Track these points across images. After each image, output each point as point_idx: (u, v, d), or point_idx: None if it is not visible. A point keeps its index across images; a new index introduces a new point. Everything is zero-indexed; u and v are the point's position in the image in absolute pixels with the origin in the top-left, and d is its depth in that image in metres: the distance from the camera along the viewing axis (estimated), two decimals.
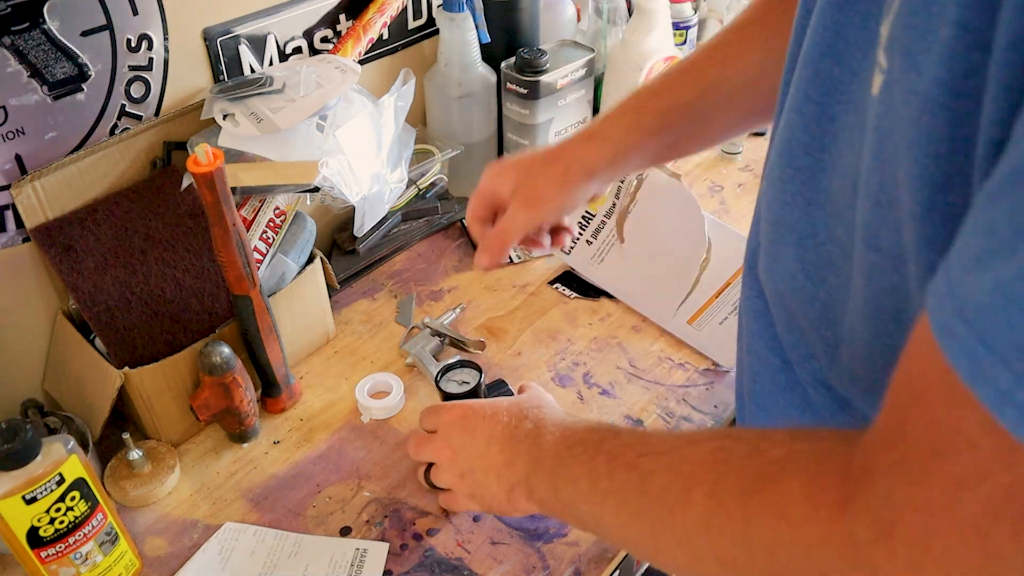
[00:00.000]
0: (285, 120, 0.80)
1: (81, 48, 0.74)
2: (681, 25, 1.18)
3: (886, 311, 0.43)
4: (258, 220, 0.84)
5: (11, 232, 0.76)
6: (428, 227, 1.09)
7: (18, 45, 0.70)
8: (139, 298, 0.77)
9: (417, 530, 0.73)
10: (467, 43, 1.03)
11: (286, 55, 0.93)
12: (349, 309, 0.98)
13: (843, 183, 0.46)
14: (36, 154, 0.75)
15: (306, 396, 0.87)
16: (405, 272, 1.03)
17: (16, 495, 0.59)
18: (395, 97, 0.91)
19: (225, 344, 0.77)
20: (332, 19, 0.95)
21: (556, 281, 1.00)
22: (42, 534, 0.61)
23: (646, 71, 1.08)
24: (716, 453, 0.45)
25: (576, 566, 0.70)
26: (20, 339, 0.80)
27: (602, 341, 0.92)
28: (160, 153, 0.83)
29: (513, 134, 1.11)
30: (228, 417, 0.79)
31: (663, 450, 0.48)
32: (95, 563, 0.66)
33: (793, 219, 0.51)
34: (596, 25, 1.15)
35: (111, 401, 0.75)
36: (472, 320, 0.96)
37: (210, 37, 0.85)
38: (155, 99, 0.83)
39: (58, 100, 0.75)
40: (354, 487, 0.77)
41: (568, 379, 0.87)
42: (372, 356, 0.91)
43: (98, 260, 0.77)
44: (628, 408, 0.84)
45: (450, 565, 0.70)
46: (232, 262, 0.74)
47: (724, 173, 1.21)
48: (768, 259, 0.56)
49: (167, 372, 0.77)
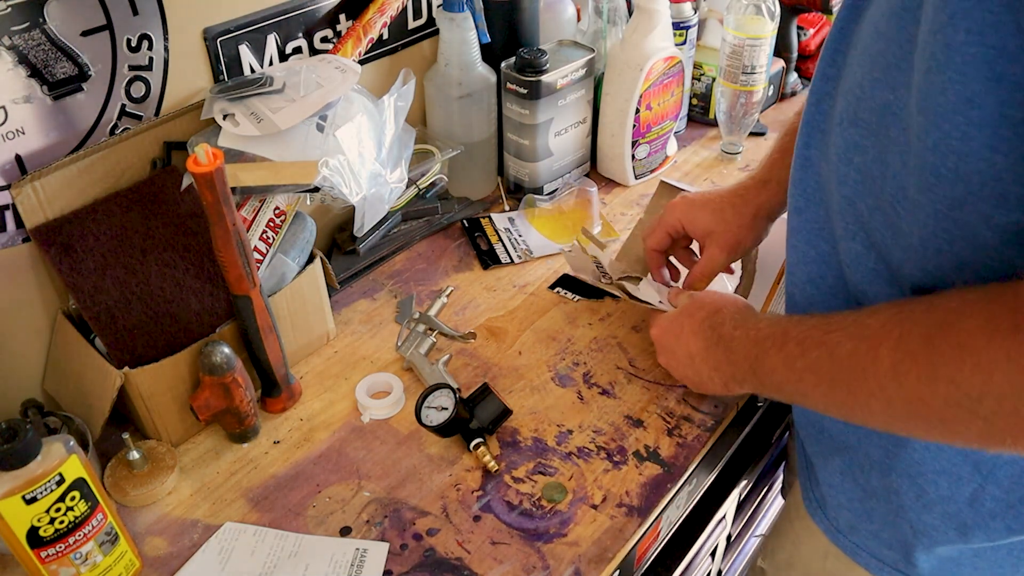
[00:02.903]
0: (285, 120, 0.80)
1: (81, 48, 0.74)
2: (681, 25, 1.18)
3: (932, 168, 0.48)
4: (258, 220, 0.84)
5: (11, 232, 0.76)
6: (428, 227, 1.09)
7: (18, 45, 0.70)
8: (139, 298, 0.77)
9: (417, 530, 0.73)
10: (467, 43, 1.03)
11: (286, 55, 0.93)
12: (349, 309, 0.98)
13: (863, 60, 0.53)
14: (36, 154, 0.75)
15: (306, 396, 0.87)
16: (405, 272, 1.03)
17: (16, 495, 0.59)
18: (395, 97, 0.91)
19: (225, 344, 0.77)
20: (332, 19, 0.96)
21: (557, 285, 1.00)
22: (42, 534, 0.61)
23: (646, 71, 1.09)
24: (895, 316, 0.51)
25: (576, 566, 0.70)
26: (20, 339, 0.80)
27: (602, 341, 0.92)
28: (160, 153, 0.83)
29: (513, 134, 1.11)
30: (228, 417, 0.79)
31: (846, 324, 0.55)
32: (95, 563, 0.66)
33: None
34: (596, 25, 1.15)
35: (111, 401, 0.75)
36: (472, 320, 0.96)
37: (210, 37, 0.85)
38: (155, 99, 0.83)
39: (58, 100, 0.75)
40: (354, 487, 0.77)
41: (568, 379, 0.87)
42: (372, 356, 0.91)
43: (98, 260, 0.77)
44: (628, 408, 0.84)
45: (450, 565, 0.70)
46: (232, 262, 0.74)
47: (724, 173, 1.21)
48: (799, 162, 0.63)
49: (167, 372, 0.77)
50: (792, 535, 0.81)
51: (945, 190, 0.48)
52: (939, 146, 0.46)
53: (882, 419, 0.53)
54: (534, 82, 1.03)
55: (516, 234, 1.08)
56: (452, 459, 0.79)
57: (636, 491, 0.76)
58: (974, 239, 0.48)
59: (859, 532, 0.69)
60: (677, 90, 1.16)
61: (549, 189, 1.15)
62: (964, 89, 0.44)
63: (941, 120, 0.46)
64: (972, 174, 0.46)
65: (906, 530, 0.64)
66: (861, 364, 0.52)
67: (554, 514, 0.74)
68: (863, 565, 0.69)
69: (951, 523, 0.61)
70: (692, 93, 1.30)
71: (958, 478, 0.59)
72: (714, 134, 1.29)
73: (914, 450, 0.60)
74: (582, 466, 0.78)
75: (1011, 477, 0.58)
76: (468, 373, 0.88)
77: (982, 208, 0.46)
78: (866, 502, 0.67)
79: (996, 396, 0.44)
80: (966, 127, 0.45)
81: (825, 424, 0.68)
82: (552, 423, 0.82)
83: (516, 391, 0.86)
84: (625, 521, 0.73)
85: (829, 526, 0.71)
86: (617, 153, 1.15)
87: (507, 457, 0.79)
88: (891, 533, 0.66)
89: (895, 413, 0.51)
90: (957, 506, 0.60)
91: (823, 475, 0.71)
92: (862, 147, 0.54)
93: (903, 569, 0.67)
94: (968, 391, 0.45)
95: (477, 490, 0.76)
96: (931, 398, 0.47)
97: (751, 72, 1.15)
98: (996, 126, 0.43)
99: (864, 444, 0.64)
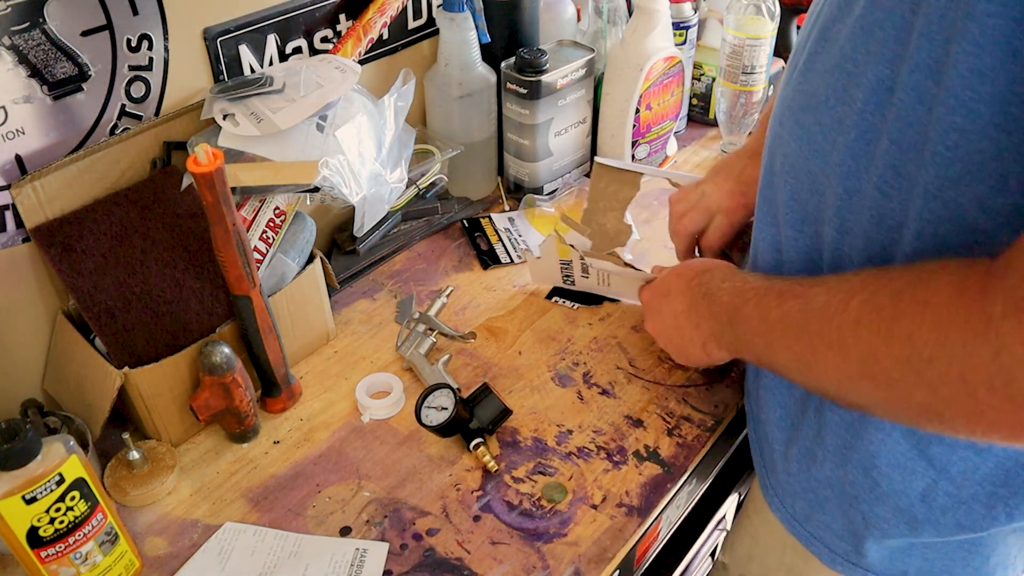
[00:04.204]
0: (285, 120, 0.80)
1: (81, 48, 0.74)
2: (681, 25, 1.18)
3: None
4: (258, 220, 0.84)
5: (11, 232, 0.76)
6: (428, 227, 1.09)
7: (18, 45, 0.70)
8: (139, 298, 0.77)
9: (417, 530, 0.73)
10: (467, 43, 1.03)
11: (286, 55, 0.93)
12: (349, 309, 0.98)
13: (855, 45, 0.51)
14: (36, 154, 0.75)
15: (306, 396, 0.87)
16: (405, 272, 1.03)
17: (16, 495, 0.59)
18: (395, 97, 0.91)
19: (225, 344, 0.77)
20: (332, 19, 0.96)
21: (553, 294, 0.99)
22: (42, 534, 0.61)
23: (646, 71, 1.08)
24: (875, 273, 0.51)
25: (576, 566, 0.70)
26: (20, 339, 0.80)
27: (602, 341, 0.92)
28: (160, 153, 0.83)
29: (513, 134, 1.11)
30: (228, 417, 0.79)
31: (828, 280, 0.54)
32: (95, 563, 0.66)
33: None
34: (596, 25, 1.15)
35: (111, 401, 0.75)
36: (472, 320, 0.96)
37: (210, 37, 0.85)
38: (155, 99, 0.83)
39: (58, 100, 0.75)
40: (354, 487, 0.77)
41: (568, 379, 0.87)
42: (372, 356, 0.91)
43: (98, 260, 0.77)
44: (628, 408, 0.84)
45: (450, 565, 0.70)
46: (232, 262, 0.74)
47: None
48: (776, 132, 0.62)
49: (167, 372, 0.77)
50: (751, 528, 0.81)
51: (939, 169, 0.47)
52: (941, 121, 0.45)
53: (834, 377, 0.53)
54: (534, 82, 1.03)
55: (516, 234, 1.08)
56: (452, 459, 0.79)
57: (636, 491, 0.76)
58: (963, 221, 0.47)
59: (813, 522, 0.69)
60: (677, 90, 1.16)
61: (549, 189, 1.15)
62: (978, 62, 0.42)
63: (947, 95, 0.44)
64: (973, 153, 0.45)
65: (858, 521, 0.64)
66: (828, 314, 0.51)
67: (554, 514, 0.74)
68: (816, 555, 0.69)
69: (902, 517, 0.61)
70: (692, 93, 1.30)
71: (911, 472, 0.59)
72: (714, 134, 1.29)
73: (870, 442, 0.60)
74: (582, 466, 0.78)
75: (963, 473, 0.57)
76: (468, 373, 0.88)
77: (978, 189, 0.45)
78: (820, 492, 0.66)
79: (946, 359, 0.43)
80: (974, 103, 0.43)
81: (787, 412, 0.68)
82: (552, 423, 0.82)
83: (516, 391, 0.86)
84: (625, 521, 0.73)
85: (785, 515, 0.71)
86: (617, 153, 1.15)
87: (507, 457, 0.79)
88: (843, 524, 0.66)
89: (847, 372, 0.51)
90: (909, 500, 0.60)
91: (780, 463, 0.70)
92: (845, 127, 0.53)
93: (853, 560, 0.66)
94: (920, 350, 0.44)
95: (477, 490, 0.76)
96: (884, 354, 0.47)
97: (751, 72, 1.15)
98: (1006, 103, 0.42)
99: (822, 432, 0.64)
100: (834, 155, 0.54)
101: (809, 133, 0.57)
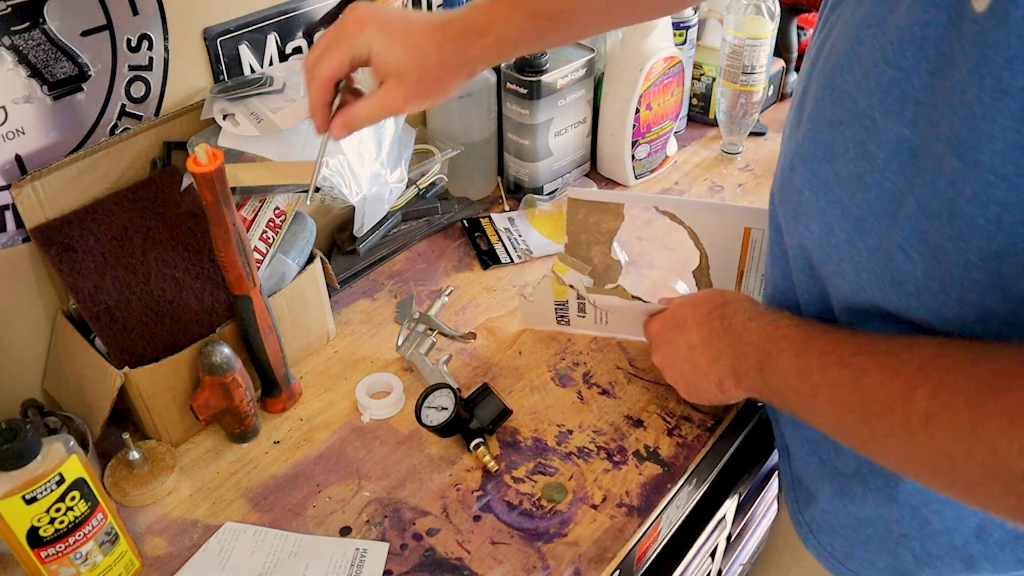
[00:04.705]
0: (285, 120, 0.80)
1: (81, 48, 0.74)
2: (681, 25, 1.18)
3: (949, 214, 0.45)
4: (258, 220, 0.84)
5: (11, 232, 0.76)
6: (428, 227, 1.09)
7: (18, 45, 0.70)
8: (139, 298, 0.77)
9: (417, 530, 0.73)
10: None
11: (286, 55, 0.93)
12: (349, 309, 0.98)
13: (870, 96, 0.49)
14: (36, 154, 0.75)
15: (306, 396, 0.87)
16: (405, 272, 1.03)
17: (16, 495, 0.59)
18: None
19: (225, 344, 0.77)
20: (332, 19, 0.95)
21: None
22: (42, 534, 0.61)
23: (646, 71, 1.09)
24: (935, 359, 0.47)
25: (576, 566, 0.70)
26: (20, 339, 0.80)
27: (602, 341, 0.92)
28: (160, 153, 0.83)
29: (513, 134, 1.11)
30: (228, 417, 0.79)
31: (879, 351, 0.51)
32: (95, 563, 0.66)
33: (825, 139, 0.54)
34: None
35: (111, 401, 0.75)
36: (472, 320, 0.96)
37: (210, 37, 0.85)
38: (155, 99, 0.83)
39: (58, 100, 0.75)
40: (354, 487, 0.77)
41: (568, 379, 0.87)
42: (372, 356, 0.91)
43: (98, 260, 0.77)
44: (628, 408, 0.84)
45: (450, 565, 0.70)
46: (232, 262, 0.74)
47: (724, 173, 1.21)
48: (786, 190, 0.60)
49: (167, 372, 0.77)
50: (783, 566, 0.78)
51: (980, 241, 0.44)
52: (979, 196, 0.43)
53: (895, 461, 0.50)
54: (534, 82, 1.03)
55: (516, 234, 1.08)
56: (452, 459, 0.79)
57: (636, 491, 0.76)
58: (1007, 291, 0.45)
59: (855, 559, 0.66)
60: (677, 90, 1.16)
61: (549, 189, 1.15)
62: (1018, 137, 0.40)
63: (985, 170, 0.42)
64: (1017, 225, 0.42)
65: (908, 560, 0.62)
66: (890, 401, 0.48)
67: (554, 514, 0.74)
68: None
69: (957, 554, 0.59)
70: (692, 93, 1.30)
71: (963, 508, 0.56)
72: (714, 134, 1.29)
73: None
74: (582, 466, 0.78)
75: None
76: (468, 373, 0.88)
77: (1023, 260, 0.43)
78: (861, 530, 0.64)
79: None
80: (1016, 177, 0.41)
81: (821, 447, 0.65)
82: (552, 423, 0.82)
83: (516, 391, 0.86)
84: (625, 521, 0.73)
85: (822, 552, 0.68)
86: (617, 153, 1.15)
87: (507, 457, 0.79)
88: (888, 562, 0.63)
89: (916, 461, 0.48)
90: (963, 537, 0.58)
91: (816, 499, 0.67)
92: (865, 183, 0.50)
93: None
94: (1010, 464, 0.41)
95: (477, 490, 0.76)
96: (964, 460, 0.44)
97: (751, 72, 1.15)
98: None
99: (862, 471, 0.62)
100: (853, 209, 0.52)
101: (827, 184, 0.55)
